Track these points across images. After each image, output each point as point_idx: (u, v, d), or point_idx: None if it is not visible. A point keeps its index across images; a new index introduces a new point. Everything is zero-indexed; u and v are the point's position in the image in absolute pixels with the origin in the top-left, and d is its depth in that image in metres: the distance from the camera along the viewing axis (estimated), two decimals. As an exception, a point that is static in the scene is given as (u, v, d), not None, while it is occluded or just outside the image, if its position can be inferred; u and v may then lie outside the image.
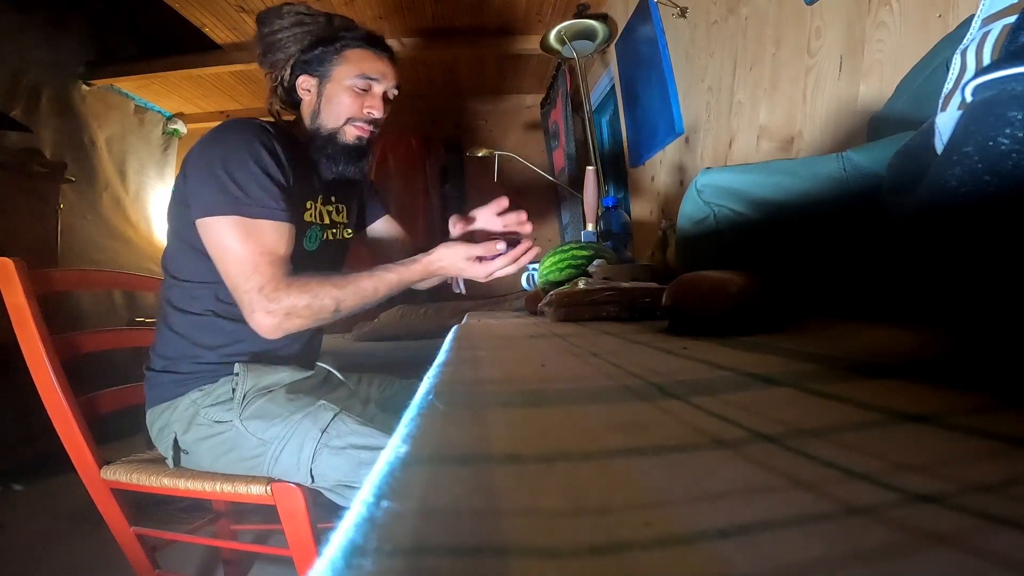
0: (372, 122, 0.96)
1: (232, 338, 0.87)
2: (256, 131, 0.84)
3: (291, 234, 0.84)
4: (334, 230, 1.03)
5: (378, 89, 0.96)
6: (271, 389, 0.86)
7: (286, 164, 0.86)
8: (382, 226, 1.17)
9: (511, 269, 0.90)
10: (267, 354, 0.90)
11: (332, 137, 0.95)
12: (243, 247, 0.78)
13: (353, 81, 0.93)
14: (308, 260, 0.94)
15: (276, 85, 0.96)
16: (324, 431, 0.78)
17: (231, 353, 0.87)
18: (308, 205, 0.95)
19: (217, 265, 0.81)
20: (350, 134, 0.95)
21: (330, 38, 0.94)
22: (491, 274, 0.88)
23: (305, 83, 0.95)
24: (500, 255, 0.87)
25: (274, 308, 0.78)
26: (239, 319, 0.86)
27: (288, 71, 0.95)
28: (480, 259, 0.87)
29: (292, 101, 0.98)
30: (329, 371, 1.02)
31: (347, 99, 0.93)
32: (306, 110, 0.96)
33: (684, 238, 0.68)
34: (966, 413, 0.19)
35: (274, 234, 0.81)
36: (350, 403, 0.97)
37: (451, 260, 0.87)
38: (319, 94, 0.95)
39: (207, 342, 0.87)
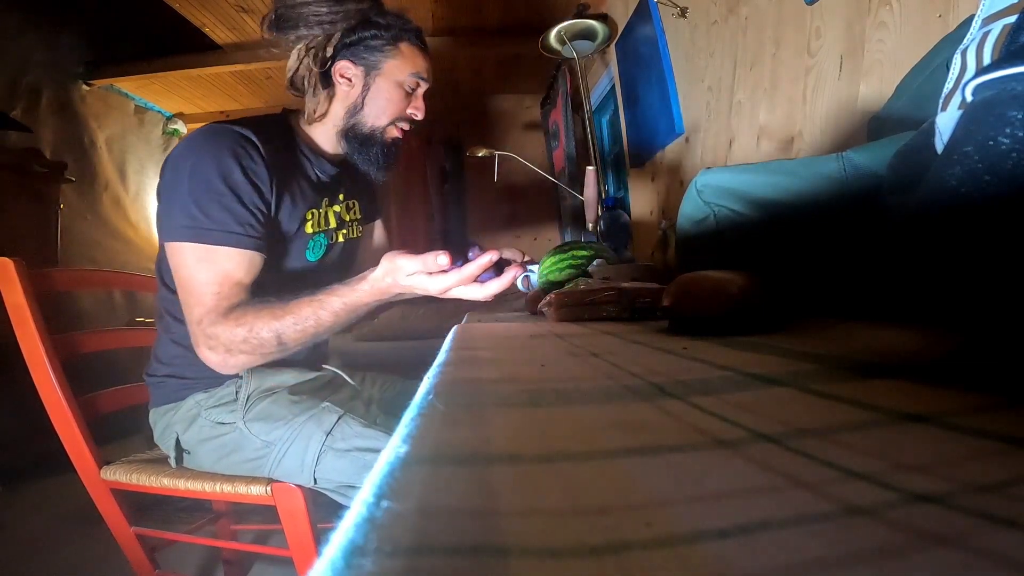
0: (411, 123, 0.93)
1: None
2: (231, 143, 0.76)
3: (255, 262, 0.77)
4: (345, 230, 0.98)
5: (422, 90, 0.92)
6: (274, 391, 0.85)
7: (268, 179, 0.79)
8: (368, 231, 1.11)
9: (475, 292, 0.71)
10: (273, 361, 0.88)
11: (372, 135, 0.89)
12: (194, 275, 0.73)
13: (406, 79, 0.88)
14: (312, 272, 0.90)
15: (298, 65, 0.86)
16: (329, 434, 0.77)
17: None
18: (309, 215, 0.89)
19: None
20: (391, 134, 0.90)
21: (384, 25, 0.86)
22: (446, 290, 0.70)
23: (347, 71, 0.86)
24: (450, 270, 0.69)
25: (213, 344, 0.72)
26: None
27: (328, 52, 0.85)
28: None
29: (303, 86, 0.88)
30: (335, 373, 1.00)
31: (397, 97, 0.88)
32: (341, 102, 0.88)
33: (684, 238, 0.68)
34: (966, 413, 0.19)
35: (231, 262, 0.74)
36: (353, 404, 0.96)
37: (396, 278, 0.71)
38: (364, 87, 0.87)
39: None
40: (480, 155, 2.21)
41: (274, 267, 0.83)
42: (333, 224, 0.95)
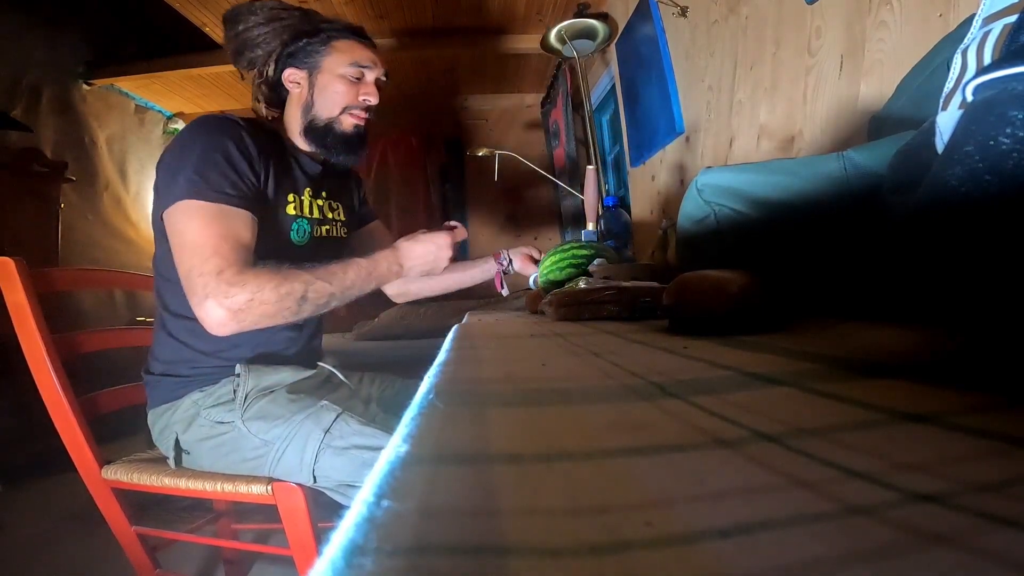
0: (367, 109, 0.98)
1: (230, 343, 0.85)
2: (224, 124, 0.83)
3: (253, 225, 0.80)
4: (328, 226, 1.01)
5: (370, 76, 0.97)
6: (272, 389, 0.85)
7: (256, 156, 0.84)
8: (369, 232, 1.15)
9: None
10: (267, 356, 0.90)
11: (329, 127, 0.95)
12: (204, 230, 0.74)
13: (346, 70, 0.94)
14: (297, 256, 0.89)
15: (260, 82, 0.96)
16: (327, 431, 0.77)
17: (230, 357, 0.86)
18: (290, 198, 0.93)
19: (174, 255, 0.76)
20: (347, 123, 0.96)
21: (313, 30, 0.94)
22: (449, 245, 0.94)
23: (293, 76, 0.95)
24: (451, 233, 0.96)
25: (234, 293, 0.72)
26: None
27: (272, 66, 0.95)
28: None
29: (278, 97, 0.98)
30: (331, 371, 1.01)
31: (342, 88, 0.94)
32: (296, 103, 0.96)
33: (684, 237, 0.68)
34: (966, 413, 0.19)
35: (238, 220, 0.77)
36: (352, 403, 0.97)
37: (424, 250, 0.90)
38: (310, 86, 0.95)
39: (205, 347, 0.86)
40: (480, 155, 2.21)
41: (263, 244, 0.84)
42: (316, 215, 0.99)
